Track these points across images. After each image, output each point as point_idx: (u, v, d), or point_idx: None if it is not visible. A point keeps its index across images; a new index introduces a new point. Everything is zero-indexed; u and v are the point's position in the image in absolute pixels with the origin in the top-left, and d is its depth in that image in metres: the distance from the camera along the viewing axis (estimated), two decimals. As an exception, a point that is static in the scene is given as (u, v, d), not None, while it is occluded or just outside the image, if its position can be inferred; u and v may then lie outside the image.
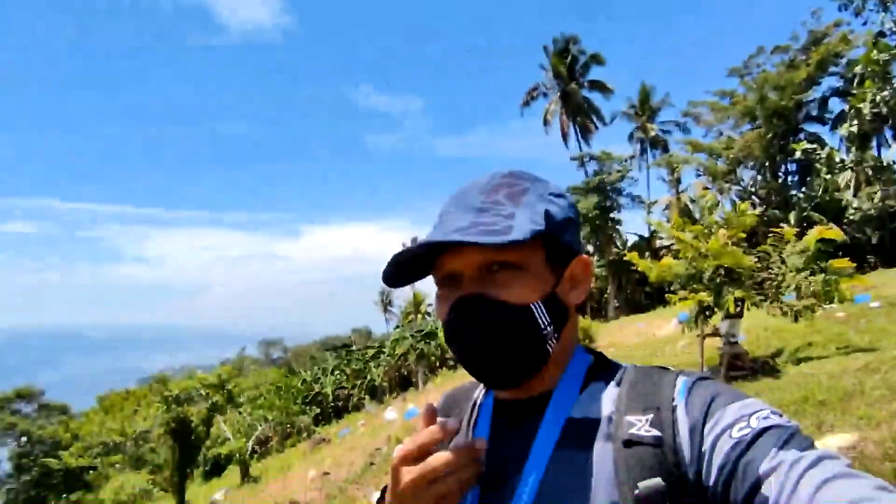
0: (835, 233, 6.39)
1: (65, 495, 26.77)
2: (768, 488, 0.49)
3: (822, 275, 5.88)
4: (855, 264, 6.39)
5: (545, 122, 33.26)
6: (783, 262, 6.46)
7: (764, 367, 6.96)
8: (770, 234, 7.16)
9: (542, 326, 0.65)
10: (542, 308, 0.65)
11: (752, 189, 27.82)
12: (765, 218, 24.15)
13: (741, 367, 6.94)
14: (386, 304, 49.74)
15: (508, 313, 0.63)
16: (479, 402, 0.80)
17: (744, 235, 6.92)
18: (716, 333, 7.60)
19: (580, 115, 32.52)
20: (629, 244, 32.06)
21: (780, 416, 0.56)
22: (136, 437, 22.33)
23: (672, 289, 7.38)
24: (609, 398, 0.66)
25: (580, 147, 32.66)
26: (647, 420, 0.61)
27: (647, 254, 30.35)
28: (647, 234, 31.49)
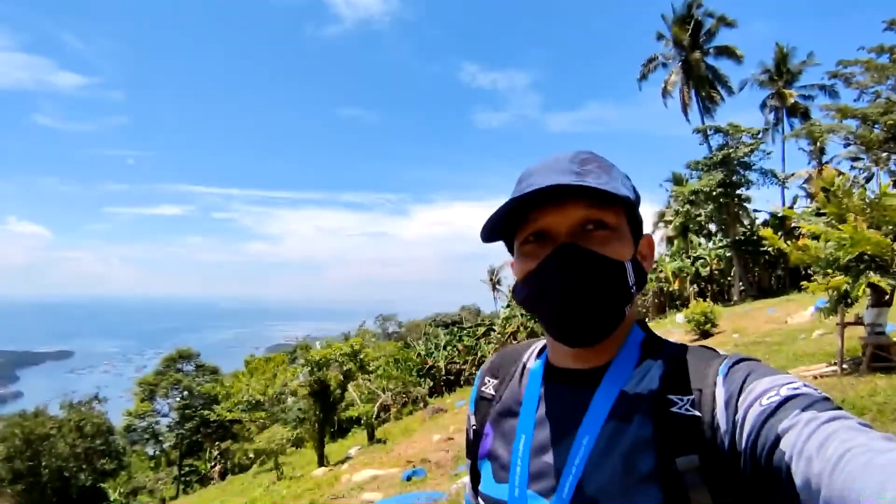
0: None
1: (217, 442, 31.22)
2: (785, 443, 0.53)
3: None
4: None
5: (664, 95, 31.26)
6: (941, 246, 5.89)
7: (915, 361, 6.41)
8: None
9: (630, 284, 0.70)
10: (631, 268, 0.70)
11: (917, 159, 24.17)
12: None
13: (886, 359, 6.46)
14: (494, 283, 50.40)
15: (607, 265, 0.67)
16: (527, 366, 0.84)
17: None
18: (858, 322, 7.11)
19: (704, 86, 30.11)
20: (759, 222, 29.44)
21: (814, 389, 0.59)
22: (275, 398, 25.22)
23: (811, 272, 7.00)
24: (657, 375, 0.69)
25: (703, 120, 30.35)
26: (688, 400, 0.65)
27: (780, 233, 27.70)
28: (780, 212, 28.69)
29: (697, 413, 0.63)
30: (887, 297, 6.63)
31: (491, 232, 0.72)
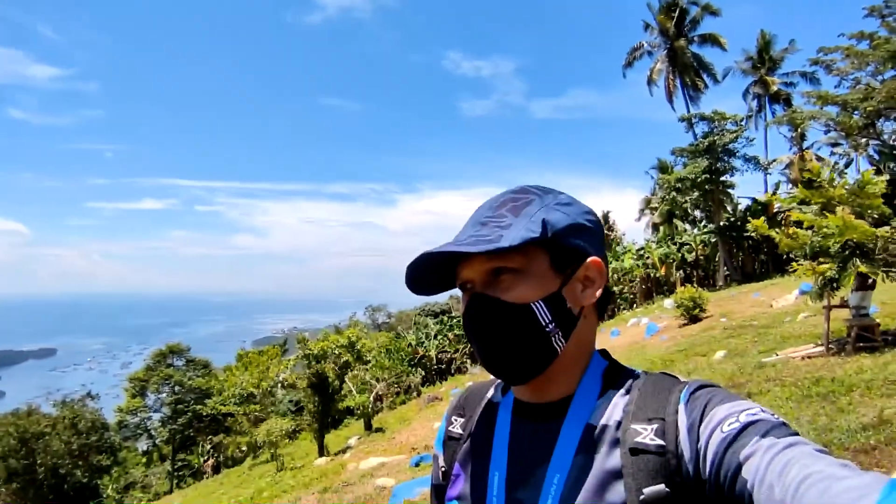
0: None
1: (210, 436, 31.27)
2: (747, 471, 0.54)
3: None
4: None
5: (650, 83, 31.56)
6: (922, 232, 6.21)
7: (896, 340, 6.77)
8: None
9: (544, 324, 0.69)
10: (543, 307, 0.70)
11: (895, 143, 24.78)
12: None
13: (870, 340, 6.80)
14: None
15: (507, 311, 0.69)
16: (493, 400, 0.85)
17: (880, 202, 6.64)
18: (843, 305, 7.44)
19: (689, 74, 30.46)
20: (742, 208, 30.04)
21: (771, 414, 0.61)
22: (268, 390, 25.31)
23: (794, 257, 7.29)
24: (621, 405, 0.71)
25: (688, 107, 30.74)
26: (652, 430, 0.65)
27: (763, 219, 28.32)
28: (764, 199, 29.29)
29: (662, 442, 0.64)
30: (871, 281, 6.96)
31: (423, 286, 0.77)
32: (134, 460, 33.45)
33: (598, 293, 0.75)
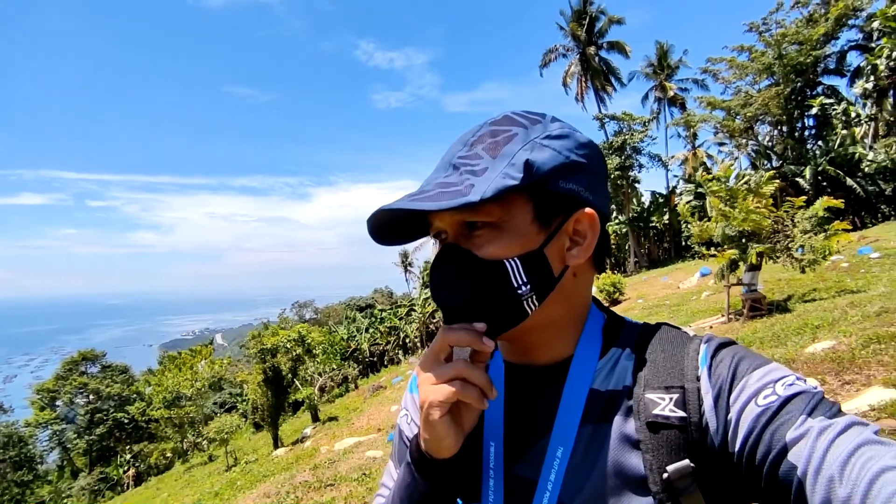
0: (837, 202, 7.93)
1: (130, 445, 29.84)
2: (796, 455, 0.49)
3: (823, 234, 7.50)
4: (851, 227, 7.97)
5: (564, 84, 33.99)
6: (794, 224, 8.04)
7: (778, 308, 8.63)
8: (785, 200, 8.70)
9: (517, 285, 0.60)
10: (518, 265, 0.60)
11: (769, 145, 28.66)
12: (780, 173, 25.28)
13: (759, 309, 8.61)
14: (406, 265, 51.71)
15: (477, 266, 0.60)
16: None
17: (770, 202, 8.41)
18: (739, 283, 9.23)
19: (599, 78, 33.18)
20: (648, 202, 33.33)
21: (805, 381, 0.55)
22: (201, 391, 24.78)
23: (690, 243, 8.88)
24: (629, 368, 0.64)
25: (599, 108, 33.49)
26: (671, 399, 0.59)
27: (665, 210, 31.70)
28: (665, 192, 32.70)
29: (683, 413, 0.58)
30: (759, 262, 8.77)
31: (389, 236, 0.66)
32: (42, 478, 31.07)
33: (589, 252, 0.64)
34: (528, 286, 0.60)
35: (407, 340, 35.40)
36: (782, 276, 11.14)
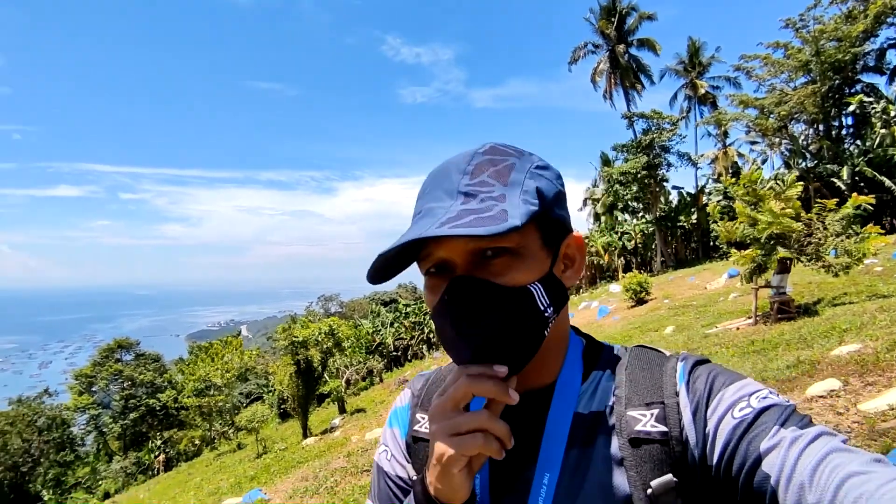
0: (868, 199, 7.86)
1: (161, 432, 30.93)
2: (769, 465, 0.51)
3: (855, 237, 7.47)
4: (885, 230, 7.90)
5: (593, 81, 33.75)
6: (825, 227, 8.01)
7: (807, 311, 8.60)
8: (817, 202, 8.65)
9: (543, 308, 0.60)
10: (541, 288, 0.60)
11: (804, 144, 27.99)
12: (815, 173, 24.70)
13: (788, 312, 8.60)
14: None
15: (503, 294, 0.58)
16: None
17: (798, 205, 8.38)
18: (767, 286, 9.23)
19: (628, 76, 32.84)
20: (676, 201, 32.91)
21: (777, 395, 0.57)
22: (231, 381, 25.50)
23: (719, 244, 8.87)
24: (610, 389, 0.65)
25: (628, 106, 33.16)
26: (652, 415, 0.61)
27: (693, 209, 31.30)
28: (693, 191, 32.25)
29: (664, 428, 0.60)
30: (788, 263, 8.74)
31: (381, 273, 0.62)
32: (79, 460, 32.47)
33: (580, 273, 0.67)
34: (552, 308, 0.61)
35: (431, 335, 35.78)
36: (813, 279, 11.03)
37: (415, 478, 0.70)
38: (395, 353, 37.74)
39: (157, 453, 30.39)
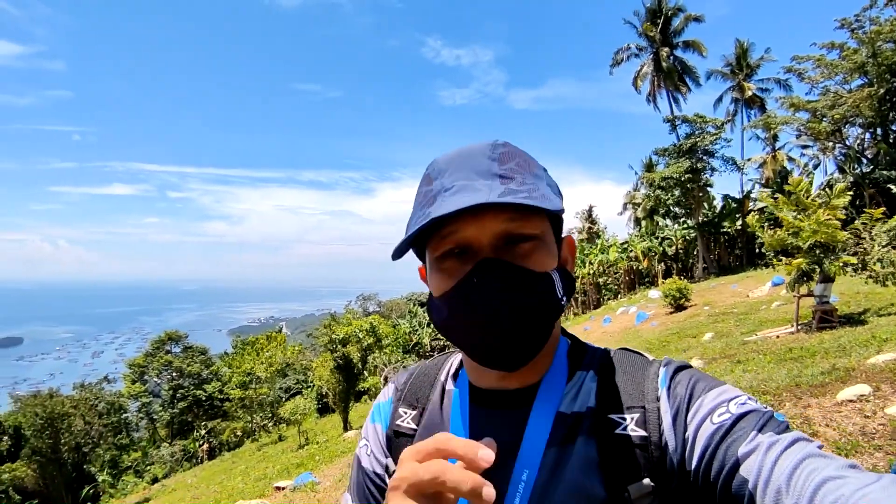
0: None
1: (205, 422, 32.32)
2: (747, 469, 0.51)
3: (902, 248, 7.36)
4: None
5: (635, 85, 33.30)
6: (872, 237, 7.90)
7: (850, 320, 8.48)
8: (864, 211, 8.51)
9: (560, 295, 0.62)
10: (559, 277, 0.63)
11: (859, 148, 26.88)
12: (871, 179, 23.72)
13: (830, 321, 8.50)
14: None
15: (534, 280, 0.60)
16: (447, 388, 0.75)
17: (843, 216, 8.28)
18: (810, 294, 9.13)
19: (672, 79, 32.26)
20: (720, 207, 32.11)
21: (755, 401, 0.58)
22: (275, 374, 26.46)
23: (765, 252, 8.79)
24: (593, 391, 0.66)
25: (672, 109, 32.58)
26: (633, 419, 0.61)
27: (738, 215, 30.45)
28: (739, 196, 31.38)
29: (644, 433, 0.60)
30: (832, 274, 8.64)
31: (402, 250, 0.62)
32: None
33: (573, 270, 0.69)
34: (565, 298, 0.64)
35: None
36: (861, 288, 10.77)
37: (393, 469, 0.73)
38: (430, 353, 38.31)
39: (201, 442, 31.81)
